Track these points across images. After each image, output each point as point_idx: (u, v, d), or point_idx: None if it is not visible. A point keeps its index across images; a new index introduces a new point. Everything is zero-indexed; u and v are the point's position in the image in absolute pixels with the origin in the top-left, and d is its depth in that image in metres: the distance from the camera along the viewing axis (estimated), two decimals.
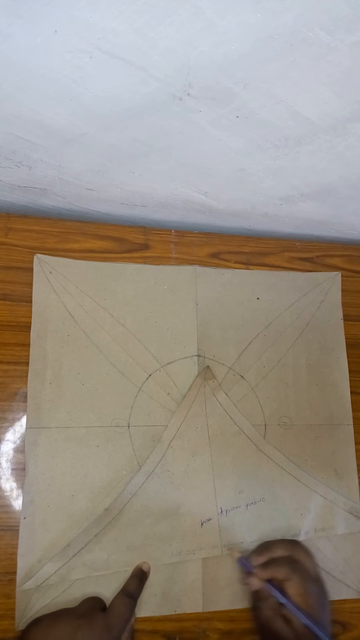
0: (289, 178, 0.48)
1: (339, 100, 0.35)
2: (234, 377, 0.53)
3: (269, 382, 0.54)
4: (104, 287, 0.52)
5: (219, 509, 0.49)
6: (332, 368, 0.57)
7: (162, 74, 0.33)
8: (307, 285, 0.58)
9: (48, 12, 0.28)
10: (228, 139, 0.41)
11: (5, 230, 0.52)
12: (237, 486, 0.50)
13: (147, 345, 0.52)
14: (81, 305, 0.51)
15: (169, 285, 0.54)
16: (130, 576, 0.45)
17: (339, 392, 0.56)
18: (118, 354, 0.51)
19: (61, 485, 0.46)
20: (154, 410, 0.50)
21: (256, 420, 0.53)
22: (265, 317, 0.56)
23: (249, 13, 0.28)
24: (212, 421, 0.51)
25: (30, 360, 0.48)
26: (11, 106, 0.37)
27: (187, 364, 0.52)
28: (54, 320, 0.50)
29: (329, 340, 0.57)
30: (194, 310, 0.54)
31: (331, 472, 0.53)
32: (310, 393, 0.55)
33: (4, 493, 0.46)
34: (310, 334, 0.57)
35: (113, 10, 0.28)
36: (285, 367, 0.55)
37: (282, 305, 0.57)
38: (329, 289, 0.59)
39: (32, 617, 0.43)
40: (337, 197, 0.52)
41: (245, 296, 0.56)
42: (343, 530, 0.51)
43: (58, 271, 0.51)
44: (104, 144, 0.42)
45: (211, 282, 0.55)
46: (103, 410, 0.49)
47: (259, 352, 0.55)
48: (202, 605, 0.47)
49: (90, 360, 0.50)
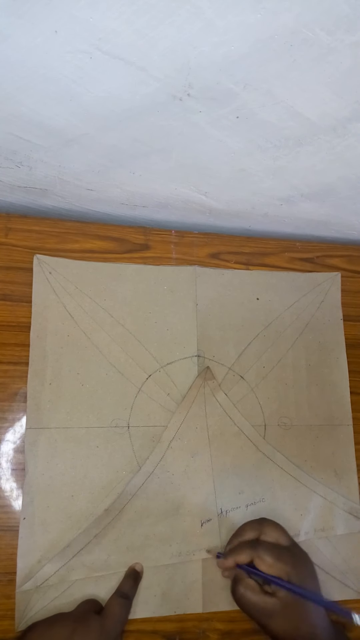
0: (289, 178, 0.48)
1: (339, 100, 0.35)
2: (234, 377, 0.53)
3: (268, 382, 0.54)
4: (103, 288, 0.52)
5: (219, 509, 0.49)
6: (332, 368, 0.56)
7: (162, 74, 0.33)
8: (306, 286, 0.58)
9: (48, 12, 0.28)
10: (228, 139, 0.41)
11: (6, 231, 0.52)
12: (237, 487, 0.50)
13: (147, 345, 0.52)
14: (81, 306, 0.51)
15: (169, 285, 0.54)
16: (124, 577, 0.45)
17: (339, 393, 0.56)
18: (118, 354, 0.51)
19: (61, 486, 0.46)
20: (153, 410, 0.50)
21: (256, 420, 0.52)
22: (265, 317, 0.56)
23: (249, 13, 0.28)
24: (211, 422, 0.51)
25: (30, 361, 0.48)
26: (11, 106, 0.37)
27: (186, 364, 0.52)
28: (53, 321, 0.50)
29: (329, 340, 0.57)
30: (193, 310, 0.54)
31: (331, 473, 0.53)
32: (310, 393, 0.55)
33: (4, 493, 0.46)
34: (310, 334, 0.57)
35: (113, 11, 0.28)
36: (285, 368, 0.55)
37: (282, 306, 0.57)
38: (329, 289, 0.59)
39: (32, 618, 0.43)
40: (337, 198, 0.52)
41: (245, 296, 0.56)
42: (343, 530, 0.51)
43: (58, 271, 0.51)
44: (104, 144, 0.42)
45: (211, 282, 0.55)
46: (103, 411, 0.49)
47: (258, 353, 0.55)
48: (202, 606, 0.47)
49: (90, 361, 0.50)
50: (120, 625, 0.42)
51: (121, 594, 0.44)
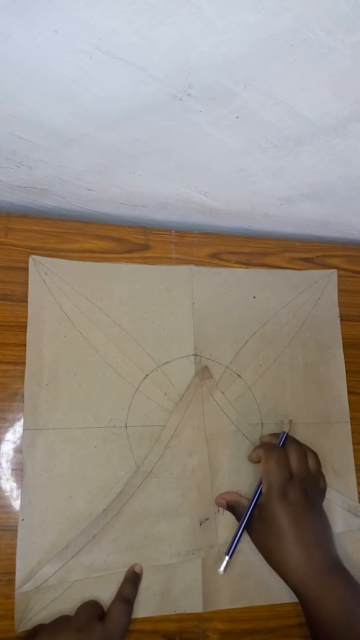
0: (289, 178, 0.48)
1: (339, 100, 0.35)
2: (231, 376, 0.53)
3: (265, 380, 0.54)
4: (100, 288, 0.52)
5: (216, 507, 0.49)
6: (329, 366, 0.56)
7: (162, 74, 0.33)
8: (303, 283, 0.58)
9: (48, 12, 0.28)
10: (228, 139, 0.41)
11: (5, 231, 0.52)
12: (234, 485, 0.50)
13: (144, 345, 0.52)
14: (77, 306, 0.51)
15: (165, 285, 0.54)
16: (124, 580, 0.45)
17: (336, 390, 0.56)
18: (115, 354, 0.51)
19: (59, 487, 0.46)
20: (151, 410, 0.50)
21: (253, 419, 0.52)
22: (262, 315, 0.56)
23: (249, 13, 0.28)
24: (209, 421, 0.51)
25: (27, 362, 0.48)
26: (11, 106, 0.37)
27: (183, 363, 0.52)
28: (50, 322, 0.50)
29: (326, 338, 0.57)
30: (190, 309, 0.54)
31: (329, 470, 0.53)
32: (307, 391, 0.55)
33: (3, 493, 0.46)
34: (306, 332, 0.57)
35: (113, 11, 0.28)
36: (282, 366, 0.55)
37: (279, 304, 0.57)
38: (325, 287, 0.59)
39: (32, 619, 0.43)
40: (337, 197, 0.52)
41: (241, 295, 0.56)
42: (341, 528, 0.51)
43: (53, 272, 0.51)
44: (104, 144, 0.42)
45: (207, 281, 0.55)
46: (100, 411, 0.49)
47: (255, 351, 0.54)
48: (202, 606, 0.47)
49: (86, 361, 0.50)
50: (123, 632, 0.42)
51: (123, 599, 0.44)
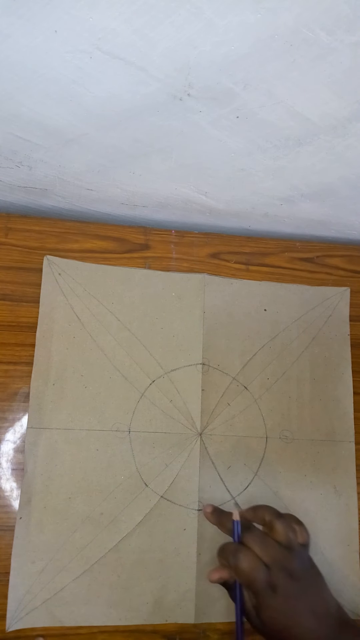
0: (289, 178, 0.48)
1: (339, 100, 0.35)
2: (238, 387, 0.53)
3: (272, 394, 0.53)
4: (112, 291, 0.52)
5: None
6: (336, 384, 0.55)
7: (162, 74, 0.33)
8: (315, 299, 0.57)
9: (48, 12, 0.28)
10: (228, 139, 0.41)
11: (6, 230, 0.52)
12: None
13: (152, 351, 0.51)
14: (88, 308, 0.51)
15: (177, 292, 0.54)
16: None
17: (342, 409, 0.54)
18: (122, 358, 0.50)
19: (59, 487, 0.46)
20: (155, 416, 0.50)
21: (258, 432, 0.52)
22: (272, 329, 0.55)
23: (249, 13, 0.28)
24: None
25: (35, 360, 0.48)
26: (11, 106, 0.37)
27: (191, 371, 0.52)
28: (60, 322, 0.50)
29: (335, 355, 0.56)
30: (200, 318, 0.53)
31: (330, 489, 0.52)
32: (313, 408, 0.54)
33: (3, 493, 0.46)
34: (316, 349, 0.56)
35: (113, 11, 0.28)
36: (289, 381, 0.54)
37: (289, 318, 0.56)
38: (337, 304, 0.58)
39: (24, 619, 0.43)
40: (337, 197, 0.52)
41: (252, 307, 0.55)
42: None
43: (67, 273, 0.51)
44: (104, 144, 0.42)
45: (219, 291, 0.55)
46: (104, 414, 0.49)
47: (263, 364, 0.54)
48: (194, 617, 0.46)
49: (94, 363, 0.50)
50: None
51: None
